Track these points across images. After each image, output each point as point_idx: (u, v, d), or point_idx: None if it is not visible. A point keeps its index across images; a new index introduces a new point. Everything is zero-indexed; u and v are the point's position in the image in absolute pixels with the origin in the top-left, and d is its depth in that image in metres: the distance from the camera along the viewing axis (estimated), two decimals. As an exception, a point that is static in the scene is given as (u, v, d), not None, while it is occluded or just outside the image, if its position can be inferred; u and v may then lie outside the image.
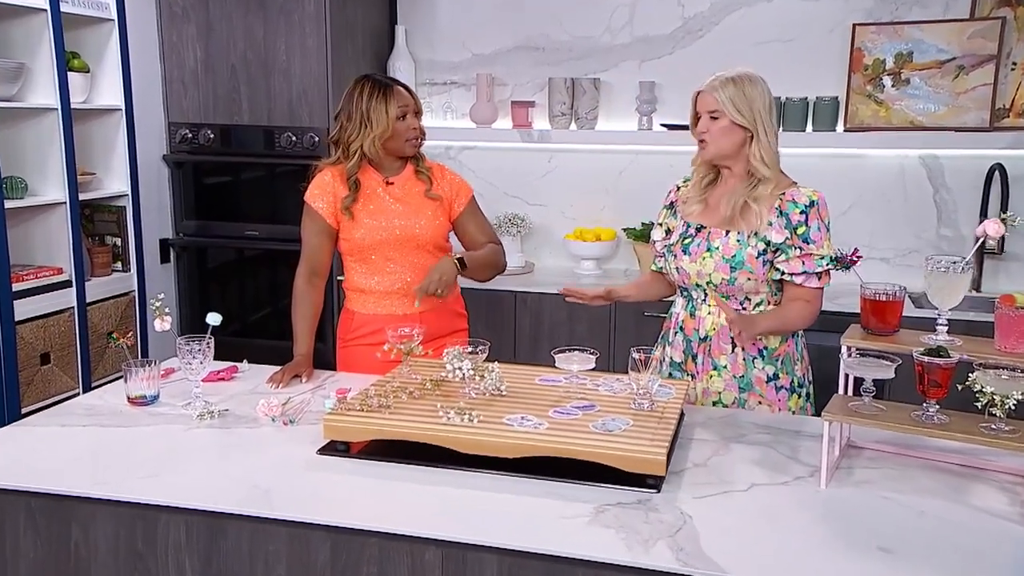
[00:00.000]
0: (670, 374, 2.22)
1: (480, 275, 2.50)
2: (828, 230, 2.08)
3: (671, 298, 2.33)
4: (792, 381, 2.16)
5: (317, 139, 3.47)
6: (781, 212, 2.07)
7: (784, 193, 2.08)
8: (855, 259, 1.76)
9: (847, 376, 1.76)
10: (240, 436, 1.89)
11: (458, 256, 2.37)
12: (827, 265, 2.05)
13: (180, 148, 3.68)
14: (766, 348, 2.13)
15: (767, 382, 2.13)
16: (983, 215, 3.33)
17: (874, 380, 1.63)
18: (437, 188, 2.44)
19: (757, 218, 2.06)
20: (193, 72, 3.62)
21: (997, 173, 3.25)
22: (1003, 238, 3.23)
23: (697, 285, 2.15)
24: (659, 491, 1.60)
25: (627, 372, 2.09)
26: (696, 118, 2.13)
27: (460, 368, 1.85)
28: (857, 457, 1.78)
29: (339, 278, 3.13)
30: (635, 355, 1.82)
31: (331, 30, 3.43)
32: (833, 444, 1.66)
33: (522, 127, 3.70)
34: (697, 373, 2.17)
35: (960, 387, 1.51)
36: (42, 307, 3.04)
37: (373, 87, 2.34)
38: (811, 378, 2.22)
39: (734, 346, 2.12)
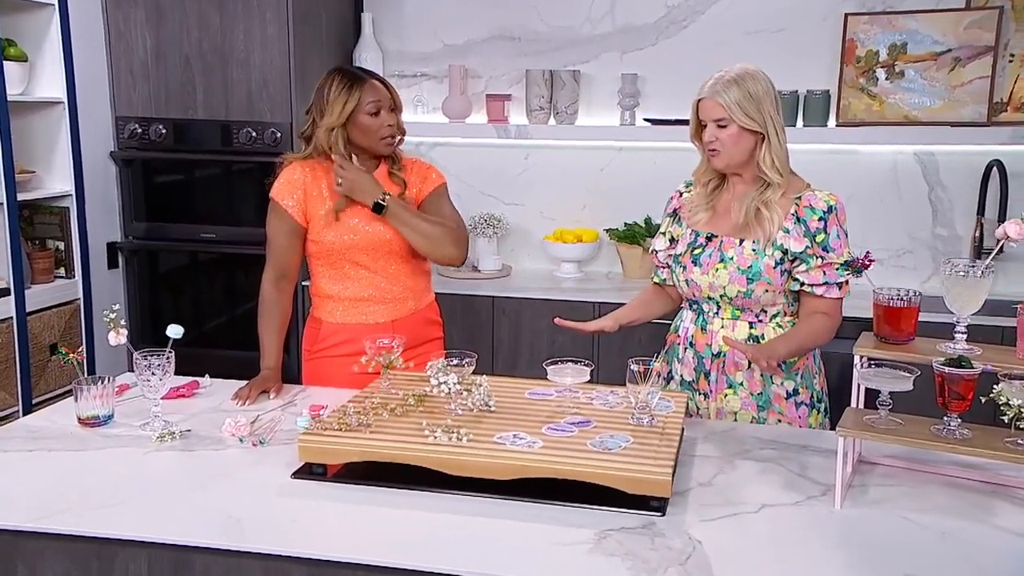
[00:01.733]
0: (680, 390, 2.17)
1: (408, 233, 2.28)
2: (847, 236, 2.05)
3: (679, 311, 2.28)
4: (812, 396, 2.13)
5: (279, 135, 3.40)
6: (798, 219, 2.04)
7: (800, 198, 2.05)
8: (867, 263, 1.74)
9: (859, 387, 1.73)
10: (205, 459, 1.82)
11: (386, 194, 2.25)
12: (847, 275, 2.02)
13: (129, 144, 3.58)
14: (785, 362, 2.09)
15: (787, 398, 2.10)
16: (980, 214, 3.36)
17: (890, 392, 1.60)
18: (412, 188, 2.38)
19: (770, 224, 2.03)
20: (143, 62, 3.52)
21: (995, 170, 3.27)
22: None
23: (709, 298, 2.11)
24: (664, 514, 1.57)
25: (615, 384, 2.07)
26: (699, 126, 2.08)
27: (445, 383, 1.80)
28: (870, 474, 1.76)
29: (304, 283, 3.07)
30: (634, 367, 1.78)
31: (293, 18, 3.35)
32: (846, 460, 1.63)
33: (498, 122, 3.66)
34: (711, 392, 2.13)
35: (983, 399, 1.49)
36: (-22, 318, 2.94)
37: (342, 79, 2.28)
38: (827, 391, 2.20)
39: (750, 361, 2.07)
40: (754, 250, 2.05)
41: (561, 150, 3.73)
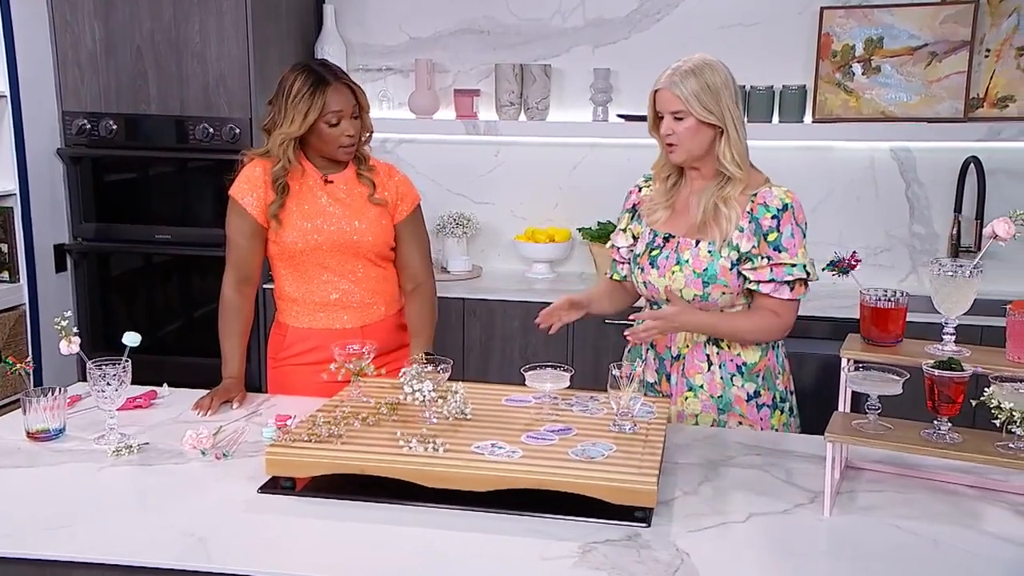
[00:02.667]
0: (644, 395, 2.16)
1: None
2: (804, 235, 2.06)
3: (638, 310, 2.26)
4: (774, 397, 2.15)
5: (238, 131, 3.34)
6: (752, 216, 2.05)
7: (756, 194, 2.06)
8: (854, 263, 1.74)
9: (847, 391, 1.73)
10: (166, 474, 1.77)
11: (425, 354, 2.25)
12: (799, 273, 2.02)
13: (77, 141, 3.49)
14: (745, 364, 2.11)
15: (747, 401, 2.12)
16: (957, 211, 3.40)
17: (879, 396, 1.61)
18: (382, 190, 2.34)
19: (728, 222, 2.03)
20: (91, 54, 3.43)
21: (972, 166, 3.31)
22: (980, 234, 3.29)
23: (667, 300, 2.11)
24: (649, 525, 1.56)
25: (588, 388, 2.05)
26: (657, 118, 2.06)
27: (420, 390, 1.77)
28: (857, 479, 1.76)
29: (267, 286, 3.02)
30: (615, 371, 1.77)
31: (251, 8, 3.29)
32: (833, 466, 1.63)
33: (466, 118, 3.63)
34: (672, 394, 2.14)
35: (974, 403, 1.49)
36: (-84, 325, 2.85)
37: (305, 81, 2.21)
38: (793, 389, 2.21)
39: (710, 364, 2.10)
40: (710, 252, 2.05)
41: (532, 147, 3.72)
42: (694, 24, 3.52)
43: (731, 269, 2.04)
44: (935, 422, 1.56)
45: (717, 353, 2.10)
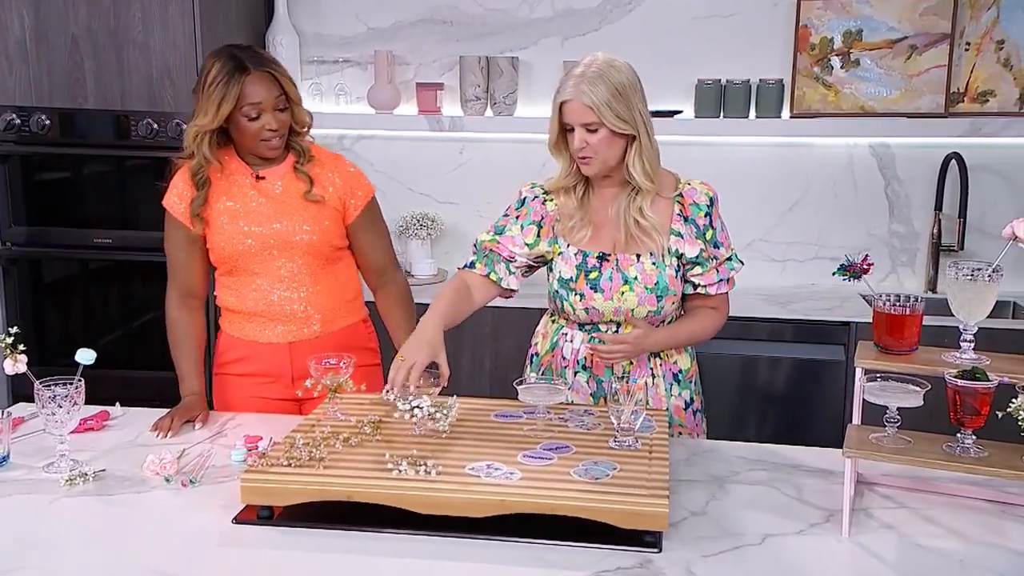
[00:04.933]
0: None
1: None
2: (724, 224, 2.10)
3: (558, 327, 2.15)
4: (702, 402, 2.18)
5: (184, 127, 3.19)
6: (686, 218, 2.03)
7: (681, 195, 2.04)
8: (866, 267, 1.72)
9: (860, 402, 1.71)
10: (127, 505, 1.68)
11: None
12: (737, 267, 2.07)
13: (5, 137, 3.34)
14: (681, 371, 2.11)
15: (685, 409, 2.12)
16: (938, 209, 3.44)
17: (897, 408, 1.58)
18: (327, 185, 2.20)
19: (656, 233, 2.00)
20: (20, 42, 3.28)
21: (953, 163, 3.34)
22: (963, 233, 3.33)
23: (613, 320, 2.06)
24: (660, 550, 1.51)
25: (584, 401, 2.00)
26: (563, 129, 1.96)
27: (420, 407, 1.70)
28: (871, 495, 1.74)
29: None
30: (616, 384, 1.73)
31: (197, -6, 3.18)
32: (850, 483, 1.60)
33: (429, 113, 3.57)
34: None
35: (1000, 415, 1.48)
36: None
37: (221, 69, 2.07)
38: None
39: (653, 376, 2.07)
40: (655, 264, 2.02)
41: (499, 143, 3.66)
42: (667, 15, 3.50)
43: (676, 276, 2.03)
44: (959, 435, 1.54)
45: (660, 364, 2.09)
